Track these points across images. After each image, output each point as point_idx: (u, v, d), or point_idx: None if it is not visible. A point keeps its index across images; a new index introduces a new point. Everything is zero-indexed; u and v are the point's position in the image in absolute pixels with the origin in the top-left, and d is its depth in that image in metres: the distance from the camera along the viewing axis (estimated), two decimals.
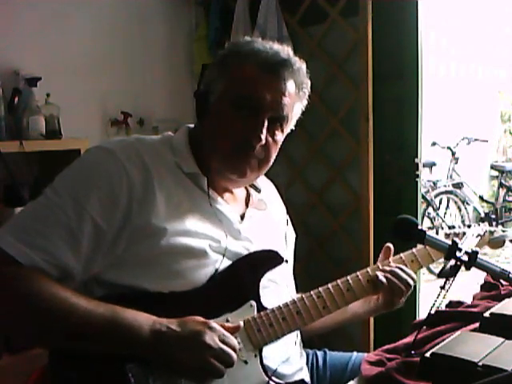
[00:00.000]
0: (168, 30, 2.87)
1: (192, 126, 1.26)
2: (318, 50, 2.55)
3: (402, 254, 1.33)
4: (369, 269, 1.29)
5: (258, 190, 1.32)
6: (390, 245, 1.34)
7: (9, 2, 2.28)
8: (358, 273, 1.27)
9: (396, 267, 1.28)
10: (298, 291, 1.35)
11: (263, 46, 1.18)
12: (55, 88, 2.29)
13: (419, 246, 1.34)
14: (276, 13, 2.53)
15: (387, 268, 1.28)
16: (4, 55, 2.24)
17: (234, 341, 1.05)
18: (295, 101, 1.21)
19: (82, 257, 1.06)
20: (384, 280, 1.26)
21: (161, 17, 2.84)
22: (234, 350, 1.04)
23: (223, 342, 1.03)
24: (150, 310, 1.04)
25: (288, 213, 1.44)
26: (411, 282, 1.27)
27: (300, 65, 1.20)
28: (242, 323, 1.10)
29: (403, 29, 2.38)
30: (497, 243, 1.41)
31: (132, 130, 2.68)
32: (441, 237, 1.35)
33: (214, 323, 1.04)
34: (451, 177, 5.91)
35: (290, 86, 1.18)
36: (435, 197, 5.56)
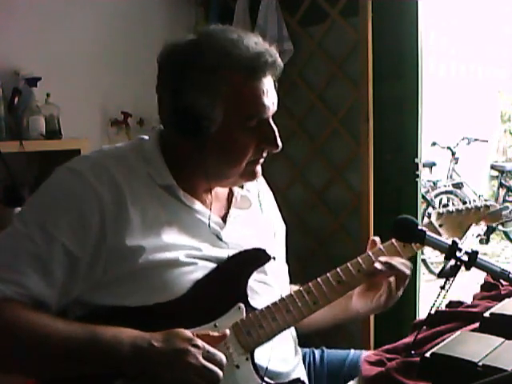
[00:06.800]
0: (168, 29, 2.87)
1: (162, 128, 1.20)
2: (318, 50, 2.55)
3: (393, 240, 1.27)
4: (359, 258, 1.24)
5: (240, 186, 1.26)
6: (377, 238, 1.28)
7: (9, 2, 2.28)
8: (348, 263, 1.23)
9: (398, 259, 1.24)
10: (290, 277, 1.33)
11: (239, 48, 1.08)
12: (55, 88, 2.29)
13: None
14: (276, 13, 2.53)
15: (384, 259, 1.23)
16: (4, 55, 2.24)
17: (219, 356, 1.01)
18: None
19: (57, 284, 1.03)
20: (381, 267, 1.20)
21: (161, 17, 2.84)
22: (220, 365, 1.00)
23: (208, 358, 0.99)
24: (135, 324, 1.01)
25: (287, 212, 1.43)
26: (407, 272, 1.23)
27: (275, 52, 1.12)
28: (228, 331, 1.06)
29: (403, 29, 2.38)
30: (494, 217, 1.38)
31: (132, 129, 2.68)
32: (434, 217, 1.35)
33: (198, 340, 1.00)
34: (451, 177, 5.91)
35: (273, 77, 1.14)
36: (435, 197, 5.56)
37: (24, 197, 2.12)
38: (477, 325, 1.18)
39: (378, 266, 1.21)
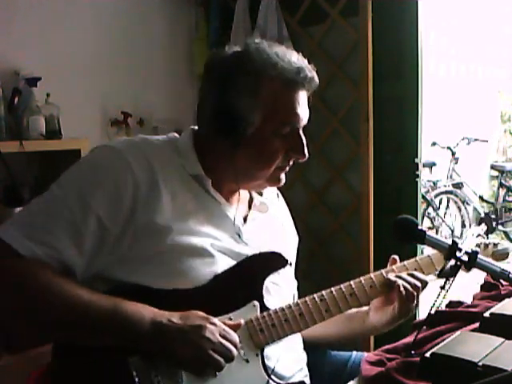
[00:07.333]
0: (168, 30, 2.87)
1: (196, 128, 1.26)
2: (318, 50, 2.55)
3: (405, 262, 1.32)
4: (372, 274, 1.28)
5: (260, 194, 1.33)
6: (396, 257, 1.33)
7: (9, 2, 2.28)
8: (362, 278, 1.27)
9: (407, 273, 1.28)
10: (297, 291, 1.35)
11: (284, 60, 1.16)
12: (55, 88, 2.29)
13: (423, 255, 1.34)
14: (276, 13, 2.53)
15: (396, 273, 1.28)
16: (4, 55, 2.24)
17: (234, 336, 1.07)
18: None
19: (86, 253, 1.07)
20: (396, 279, 1.25)
21: (161, 17, 2.84)
22: (234, 345, 1.06)
23: (224, 337, 1.05)
24: (153, 306, 1.05)
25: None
26: (418, 284, 1.26)
27: (312, 68, 1.20)
28: (242, 321, 1.11)
29: (403, 29, 2.39)
30: (501, 255, 1.41)
31: (132, 129, 2.68)
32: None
33: (215, 319, 1.06)
34: (451, 177, 5.90)
35: (308, 92, 1.22)
36: (435, 197, 5.56)
37: (24, 197, 2.12)
38: (477, 325, 1.18)
39: (391, 277, 1.27)
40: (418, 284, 1.26)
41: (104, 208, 1.07)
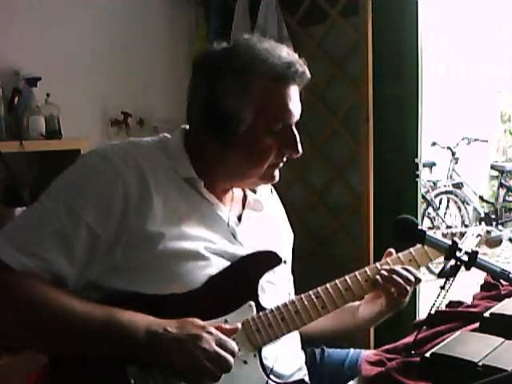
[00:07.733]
0: (168, 29, 2.87)
1: (187, 127, 1.25)
2: (318, 50, 2.56)
3: (399, 254, 1.32)
4: (367, 268, 1.28)
5: (253, 191, 1.31)
6: (392, 250, 1.33)
7: (9, 2, 2.28)
8: (357, 272, 1.27)
9: (400, 267, 1.28)
10: (297, 291, 1.35)
11: (274, 55, 1.14)
12: (55, 88, 2.29)
13: (417, 246, 1.34)
14: (276, 13, 2.53)
15: (387, 267, 1.28)
16: (4, 55, 2.24)
17: (232, 345, 1.04)
18: None
19: (77, 263, 1.05)
20: (379, 278, 1.25)
21: (161, 17, 2.84)
22: (232, 353, 1.03)
23: (220, 345, 1.02)
24: (148, 313, 1.04)
25: (287, 213, 1.44)
26: (411, 278, 1.26)
27: (304, 63, 1.19)
28: (239, 325, 1.10)
29: (403, 29, 2.39)
30: (494, 242, 1.42)
31: (132, 129, 2.68)
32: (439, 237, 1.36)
33: (211, 327, 1.03)
34: (451, 177, 5.91)
35: (300, 87, 1.20)
36: (435, 197, 5.57)
37: (24, 197, 2.12)
38: (477, 325, 1.18)
39: (377, 277, 1.27)
40: (411, 278, 1.26)
41: (94, 215, 1.06)
